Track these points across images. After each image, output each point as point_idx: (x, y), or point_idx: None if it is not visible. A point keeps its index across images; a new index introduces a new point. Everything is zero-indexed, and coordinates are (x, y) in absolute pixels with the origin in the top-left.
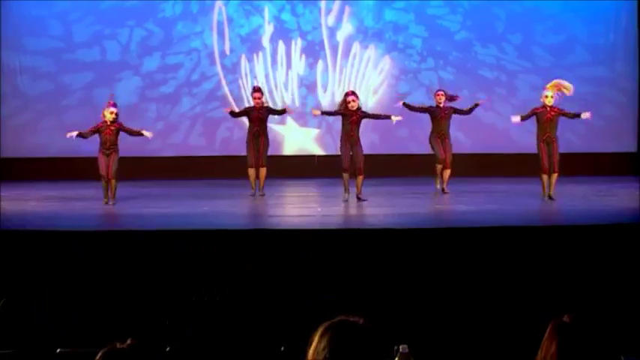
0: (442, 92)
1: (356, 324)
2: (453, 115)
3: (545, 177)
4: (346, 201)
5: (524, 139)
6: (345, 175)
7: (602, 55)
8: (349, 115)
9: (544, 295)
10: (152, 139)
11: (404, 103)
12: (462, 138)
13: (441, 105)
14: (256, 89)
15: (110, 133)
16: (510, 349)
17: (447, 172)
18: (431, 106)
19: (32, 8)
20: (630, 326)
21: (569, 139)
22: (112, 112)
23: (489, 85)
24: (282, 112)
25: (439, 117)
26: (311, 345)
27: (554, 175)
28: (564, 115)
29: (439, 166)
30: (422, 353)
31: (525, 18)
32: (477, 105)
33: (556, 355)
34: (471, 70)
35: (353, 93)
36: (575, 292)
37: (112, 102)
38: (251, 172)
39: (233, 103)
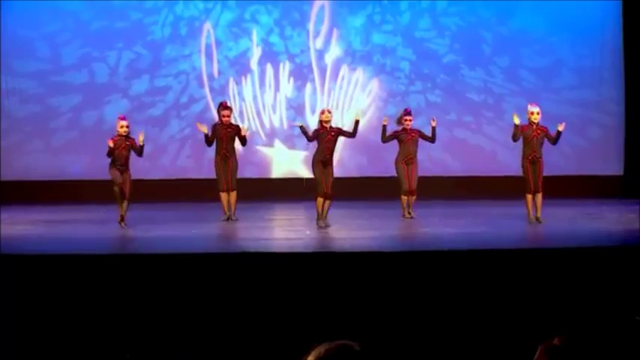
0: (411, 117)
1: (351, 348)
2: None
3: (529, 197)
4: (322, 227)
5: (511, 162)
6: (320, 200)
7: (589, 77)
8: (325, 133)
9: (533, 319)
10: (141, 160)
11: (384, 126)
12: (450, 160)
13: (408, 128)
14: (225, 106)
15: (124, 149)
16: None
17: (413, 198)
18: (397, 131)
19: (20, 30)
20: (619, 349)
21: (555, 162)
22: (122, 126)
23: (477, 107)
24: (244, 140)
25: (406, 140)
26: None
27: (539, 196)
28: (548, 138)
29: (404, 198)
30: None
31: (512, 41)
32: (433, 128)
33: None
34: (458, 92)
35: (328, 111)
36: (564, 315)
37: (121, 116)
38: (223, 196)
39: None
